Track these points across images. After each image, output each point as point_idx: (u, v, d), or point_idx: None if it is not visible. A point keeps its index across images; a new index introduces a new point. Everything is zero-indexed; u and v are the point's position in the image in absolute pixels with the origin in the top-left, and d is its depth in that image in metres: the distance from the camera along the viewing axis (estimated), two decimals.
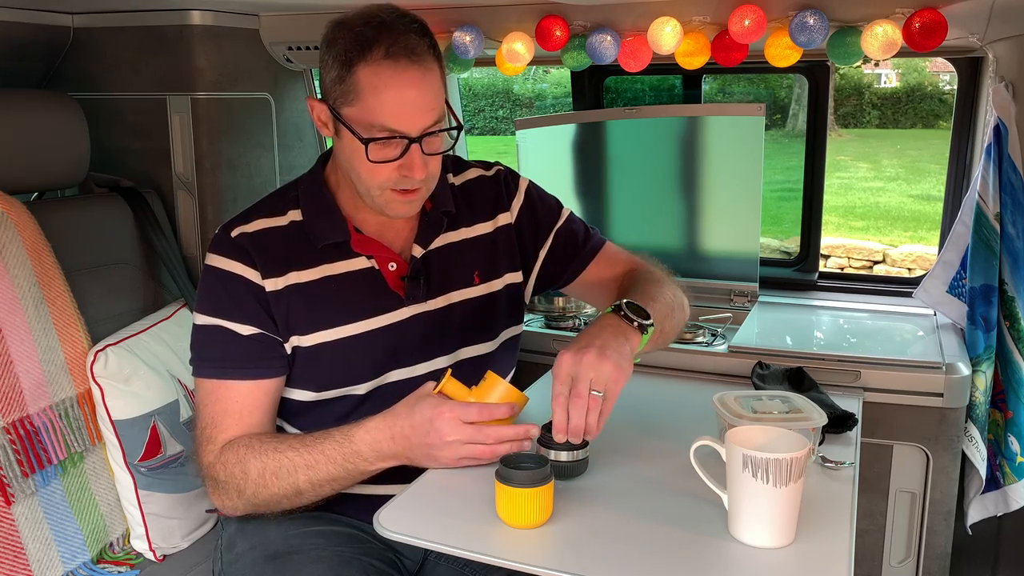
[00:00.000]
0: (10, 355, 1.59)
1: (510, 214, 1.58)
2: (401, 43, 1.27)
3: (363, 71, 1.27)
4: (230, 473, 1.34)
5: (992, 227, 1.87)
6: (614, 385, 1.22)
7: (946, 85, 11.71)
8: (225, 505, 1.37)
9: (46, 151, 1.86)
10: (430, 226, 1.49)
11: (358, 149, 1.31)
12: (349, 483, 1.33)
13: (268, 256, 1.39)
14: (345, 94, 1.30)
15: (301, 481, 1.31)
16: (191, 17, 2.05)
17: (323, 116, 1.36)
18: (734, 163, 2.28)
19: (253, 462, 1.32)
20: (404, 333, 1.45)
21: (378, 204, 1.37)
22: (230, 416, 1.37)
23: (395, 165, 1.32)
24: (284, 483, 1.31)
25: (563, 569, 1.03)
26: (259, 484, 1.32)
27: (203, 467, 1.38)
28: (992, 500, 1.90)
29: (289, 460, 1.31)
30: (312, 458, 1.30)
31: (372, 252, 1.44)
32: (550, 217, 1.61)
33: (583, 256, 1.60)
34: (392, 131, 1.29)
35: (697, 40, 1.87)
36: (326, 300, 1.41)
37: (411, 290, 1.45)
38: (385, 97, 1.28)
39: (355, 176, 1.36)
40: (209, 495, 1.40)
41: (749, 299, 2.27)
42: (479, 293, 1.52)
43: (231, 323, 1.37)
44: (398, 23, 1.29)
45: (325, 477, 1.30)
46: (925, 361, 1.79)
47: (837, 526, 1.13)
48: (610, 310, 1.33)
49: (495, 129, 11.95)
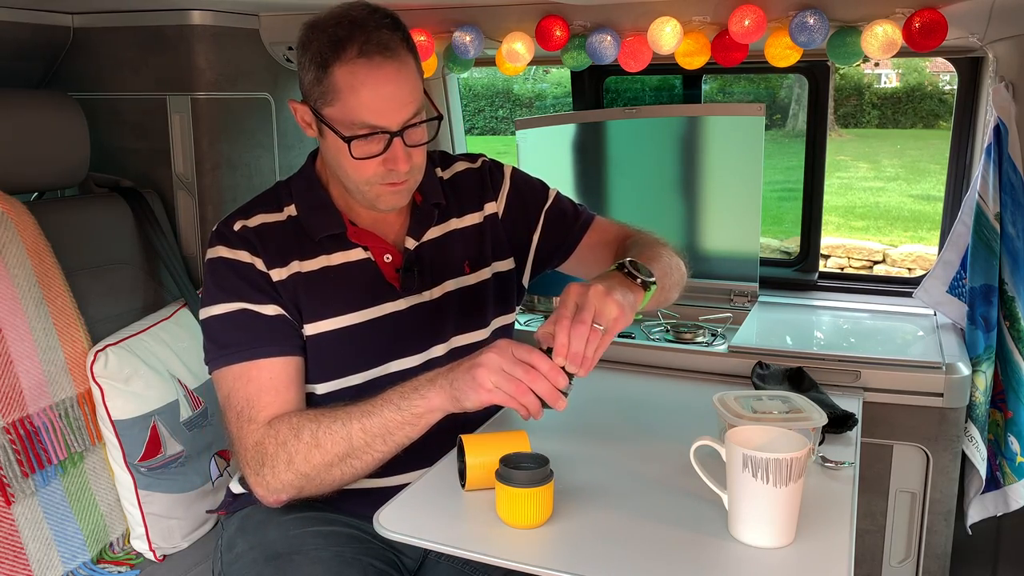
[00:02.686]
0: (10, 355, 1.59)
1: (497, 203, 1.59)
2: (374, 40, 1.28)
3: (339, 71, 1.29)
4: (282, 442, 1.29)
5: (992, 227, 1.87)
6: (614, 324, 1.22)
7: (946, 85, 11.71)
8: (270, 485, 1.31)
9: (46, 151, 1.86)
10: (422, 218, 1.51)
11: (342, 147, 1.32)
12: (402, 436, 1.27)
13: (270, 247, 1.40)
14: (324, 95, 1.31)
15: (355, 432, 1.26)
16: (191, 17, 2.05)
17: (306, 117, 1.38)
18: (734, 163, 2.28)
19: (307, 426, 1.29)
20: (401, 324, 1.45)
21: (368, 199, 1.38)
22: (266, 393, 1.34)
23: (380, 160, 1.33)
24: (339, 437, 1.27)
25: (563, 569, 1.03)
26: (311, 446, 1.28)
27: (248, 448, 1.33)
28: (992, 500, 1.90)
29: (346, 413, 1.28)
30: (369, 405, 1.28)
31: (368, 243, 1.45)
32: (537, 200, 1.63)
33: (576, 231, 1.61)
34: (373, 127, 1.30)
35: (697, 40, 1.87)
36: (326, 290, 1.42)
37: (406, 281, 1.46)
38: (363, 95, 1.29)
39: (342, 174, 1.37)
40: (250, 481, 1.34)
41: (749, 299, 2.27)
42: (470, 282, 1.54)
43: (254, 305, 1.37)
44: (369, 20, 1.30)
45: (379, 424, 1.26)
46: (925, 361, 1.79)
47: (837, 526, 1.13)
48: (614, 268, 1.33)
49: (495, 129, 11.95)
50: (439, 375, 1.26)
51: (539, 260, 1.63)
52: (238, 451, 1.37)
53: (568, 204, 1.65)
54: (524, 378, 1.18)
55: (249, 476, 1.34)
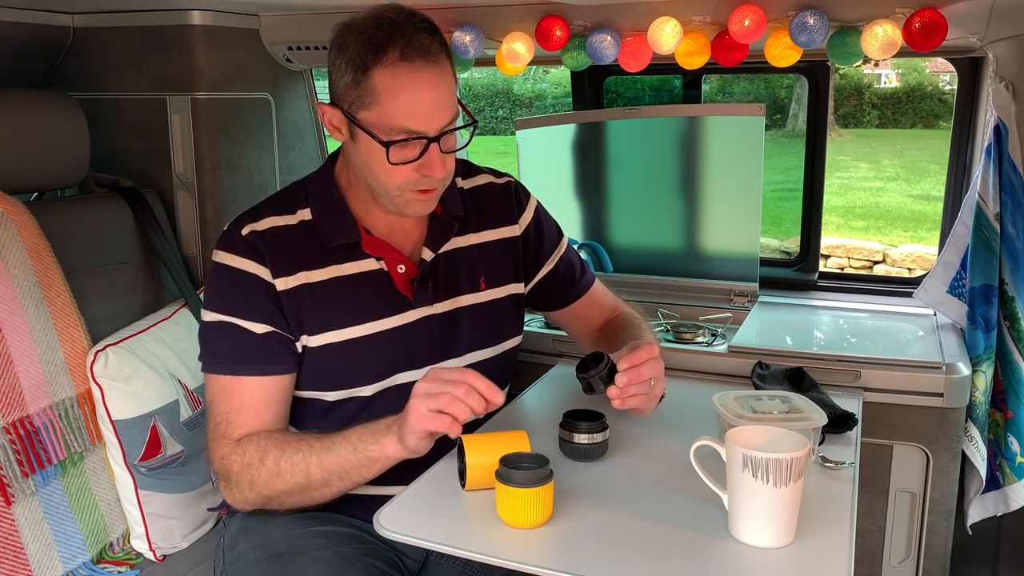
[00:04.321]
0: (10, 355, 1.59)
1: (518, 227, 1.60)
2: (415, 44, 1.27)
3: (379, 74, 1.27)
4: (246, 463, 1.33)
5: (992, 227, 1.87)
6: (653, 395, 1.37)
7: (946, 85, 11.72)
8: (236, 499, 1.37)
9: (46, 151, 1.86)
10: (441, 229, 1.49)
11: (377, 152, 1.30)
12: (358, 476, 1.30)
13: (278, 255, 1.39)
14: (361, 98, 1.29)
15: (313, 466, 1.29)
16: (191, 17, 2.05)
17: (335, 121, 1.36)
18: (734, 163, 2.28)
19: (272, 452, 1.32)
20: (411, 335, 1.44)
21: (397, 205, 1.37)
22: (245, 412, 1.36)
23: (414, 166, 1.32)
24: (298, 470, 1.30)
25: (563, 569, 1.03)
26: (273, 474, 1.31)
27: (215, 460, 1.37)
28: (992, 500, 1.90)
29: (308, 446, 1.30)
30: (330, 441, 1.30)
31: (382, 254, 1.44)
32: (553, 242, 1.66)
33: (577, 290, 1.68)
34: (411, 132, 1.29)
35: (697, 40, 1.87)
36: (335, 300, 1.40)
37: (419, 293, 1.45)
38: (403, 99, 1.27)
39: (373, 178, 1.35)
40: (221, 489, 1.40)
41: (749, 299, 2.27)
42: (485, 299, 1.53)
43: (244, 321, 1.37)
44: (408, 23, 1.29)
45: (336, 461, 1.28)
46: (925, 361, 1.79)
47: (837, 526, 1.13)
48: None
49: (495, 129, 11.96)
50: (396, 420, 1.26)
51: (532, 299, 1.66)
52: (208, 456, 1.41)
53: (576, 258, 1.70)
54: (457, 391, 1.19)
55: (220, 485, 1.40)
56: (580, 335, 1.74)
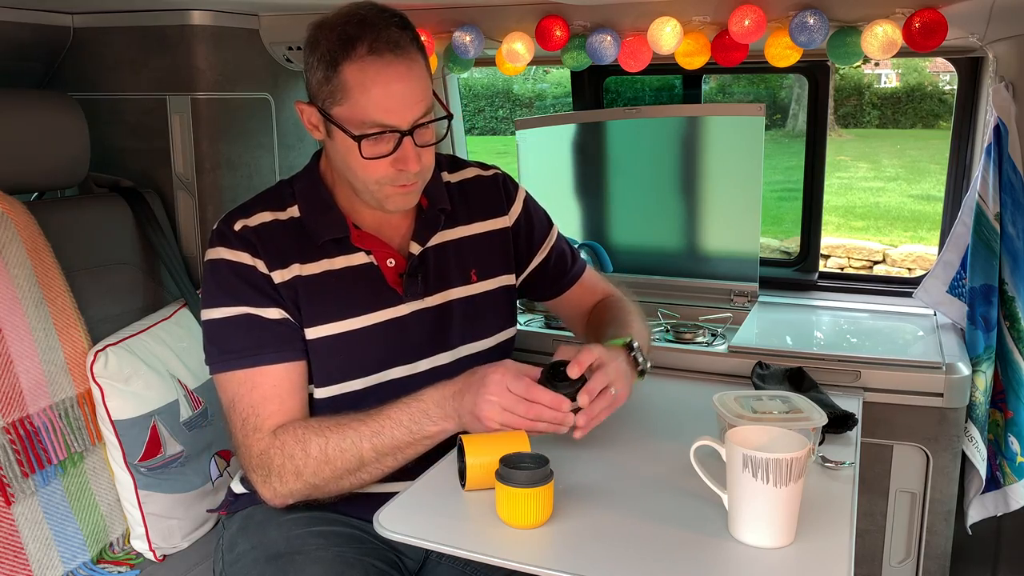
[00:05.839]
0: (10, 355, 1.59)
1: (508, 218, 1.60)
2: (383, 38, 1.28)
3: (349, 69, 1.28)
4: (288, 454, 1.31)
5: (992, 227, 1.87)
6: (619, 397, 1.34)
7: (946, 85, 11.71)
8: (277, 492, 1.34)
9: (46, 151, 1.85)
10: (427, 223, 1.50)
11: (351, 147, 1.31)
12: (412, 452, 1.31)
13: (271, 248, 1.39)
14: (333, 94, 1.30)
15: (366, 450, 1.29)
16: (191, 17, 2.05)
17: (313, 119, 1.37)
18: (734, 163, 2.28)
19: (315, 440, 1.31)
20: (404, 329, 1.45)
21: (376, 200, 1.38)
22: (271, 401, 1.35)
23: (390, 160, 1.32)
24: (349, 455, 1.30)
25: (563, 569, 1.03)
26: (321, 461, 1.30)
27: (254, 456, 1.35)
28: (992, 500, 1.90)
29: (354, 431, 1.30)
30: (378, 424, 1.30)
31: (371, 247, 1.45)
32: (544, 231, 1.66)
33: (569, 278, 1.69)
34: (383, 126, 1.30)
35: (697, 40, 1.87)
36: (327, 294, 1.41)
37: (409, 287, 1.45)
38: (373, 92, 1.28)
39: (351, 174, 1.36)
40: (258, 486, 1.36)
41: (749, 299, 2.27)
42: (476, 291, 1.53)
43: (257, 309, 1.36)
44: (378, 18, 1.30)
45: (390, 443, 1.29)
46: (925, 361, 1.79)
47: (837, 526, 1.13)
48: (621, 343, 1.42)
49: (495, 129, 11.96)
50: (445, 400, 1.29)
51: (525, 289, 1.67)
52: (243, 457, 1.38)
53: (567, 247, 1.70)
54: (528, 415, 1.24)
55: (256, 482, 1.36)
56: (573, 321, 1.75)
